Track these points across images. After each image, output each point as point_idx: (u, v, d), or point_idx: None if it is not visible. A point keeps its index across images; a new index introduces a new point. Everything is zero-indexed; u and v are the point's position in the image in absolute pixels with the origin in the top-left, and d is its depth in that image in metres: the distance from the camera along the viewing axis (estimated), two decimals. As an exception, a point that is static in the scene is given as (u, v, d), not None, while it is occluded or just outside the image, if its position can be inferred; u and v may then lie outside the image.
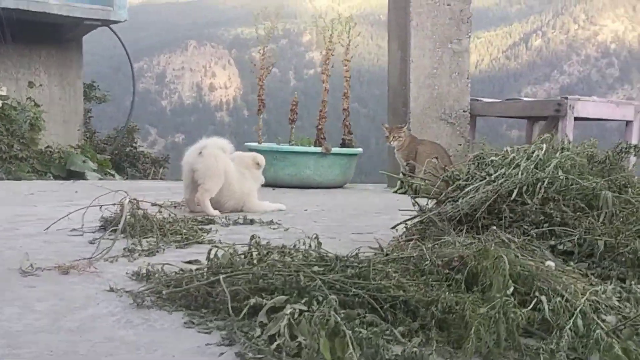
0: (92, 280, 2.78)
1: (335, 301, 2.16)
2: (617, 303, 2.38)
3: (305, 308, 2.15)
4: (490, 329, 1.98)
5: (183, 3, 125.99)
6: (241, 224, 4.30)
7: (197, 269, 2.65)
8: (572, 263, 2.66)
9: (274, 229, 4.16)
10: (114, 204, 3.82)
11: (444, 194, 3.63)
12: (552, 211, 3.03)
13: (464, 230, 3.02)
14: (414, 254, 2.54)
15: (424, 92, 6.92)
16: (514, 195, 3.15)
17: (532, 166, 3.31)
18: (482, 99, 7.39)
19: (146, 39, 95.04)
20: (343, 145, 6.91)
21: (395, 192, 6.53)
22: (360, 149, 6.95)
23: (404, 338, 2.08)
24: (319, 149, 6.60)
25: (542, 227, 2.99)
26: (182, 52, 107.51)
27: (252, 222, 4.33)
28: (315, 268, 2.47)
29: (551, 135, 3.69)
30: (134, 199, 3.79)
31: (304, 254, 2.68)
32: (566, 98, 6.28)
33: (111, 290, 2.60)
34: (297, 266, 2.48)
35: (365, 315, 2.15)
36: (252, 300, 2.23)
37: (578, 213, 2.99)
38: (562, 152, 3.33)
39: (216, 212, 4.59)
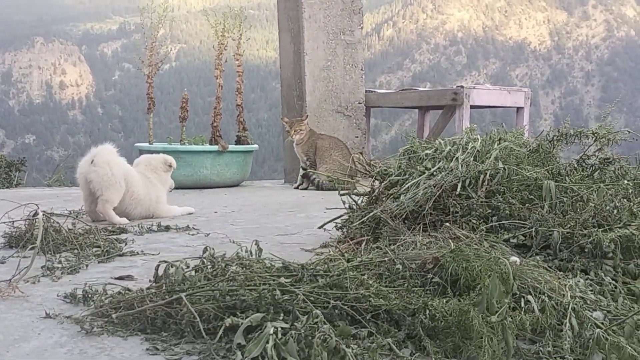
0: (21, 305, 2.50)
1: (321, 316, 2.01)
2: (593, 297, 2.33)
3: (287, 325, 1.98)
4: (497, 337, 1.88)
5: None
6: (156, 231, 4.05)
7: (147, 288, 2.42)
8: (537, 258, 2.60)
9: (192, 235, 3.94)
10: (22, 219, 3.50)
11: (375, 190, 3.51)
12: (499, 204, 2.97)
13: (416, 229, 2.90)
14: (385, 258, 2.41)
15: (320, 85, 6.79)
16: (458, 189, 3.08)
17: (471, 158, 3.25)
18: (376, 90, 7.35)
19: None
20: (238, 142, 6.69)
21: (297, 188, 6.39)
22: (256, 146, 6.76)
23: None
24: (215, 148, 6.36)
25: (491, 221, 2.92)
26: (29, 50, 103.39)
27: (167, 228, 4.09)
28: (282, 279, 2.31)
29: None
30: (44, 212, 3.47)
31: (264, 264, 2.49)
32: (462, 87, 6.33)
33: (48, 316, 2.35)
34: (263, 278, 2.30)
35: (359, 329, 2.00)
36: (228, 320, 2.03)
37: (526, 205, 2.95)
38: (499, 143, 3.29)
39: (124, 220, 4.30)
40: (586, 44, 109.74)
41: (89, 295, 2.52)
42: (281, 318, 2.04)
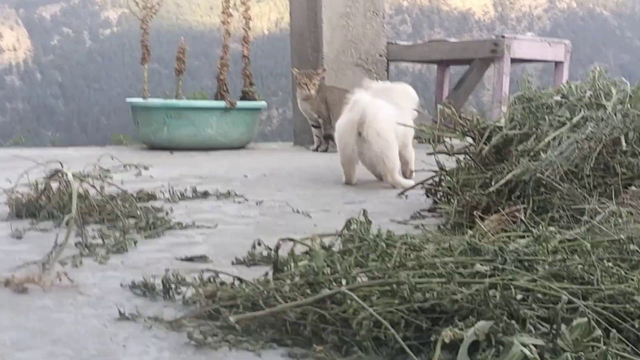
0: (75, 300, 1.77)
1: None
2: None
3: (541, 342, 1.28)
4: None
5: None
6: (192, 198, 3.29)
7: (275, 279, 1.68)
8: None
9: (240, 202, 3.20)
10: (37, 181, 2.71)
11: (486, 149, 2.80)
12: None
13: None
14: (615, 237, 1.70)
15: (338, 34, 5.99)
16: (622, 143, 2.39)
17: (626, 106, 2.56)
18: (398, 41, 6.60)
19: None
20: (244, 98, 5.85)
21: (316, 150, 5.61)
22: (264, 103, 5.95)
23: None
24: (221, 104, 5.53)
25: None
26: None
27: (206, 195, 3.33)
28: (478, 266, 1.60)
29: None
30: (62, 171, 2.68)
31: (437, 244, 1.77)
32: (503, 37, 5.64)
33: (124, 317, 1.61)
34: (451, 267, 1.59)
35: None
36: (447, 332, 1.31)
37: None
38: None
39: (411, 182, 3.58)
40: (529, 14, 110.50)
41: (172, 286, 1.77)
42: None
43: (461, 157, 2.96)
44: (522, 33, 6.56)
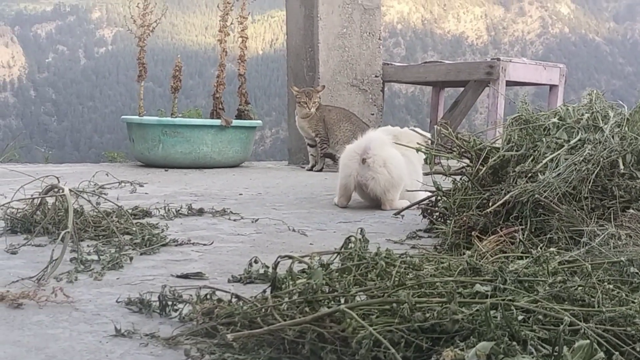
0: (70, 316, 1.75)
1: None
2: None
3: None
4: None
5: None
6: (187, 215, 3.28)
7: (273, 296, 1.66)
8: None
9: (235, 220, 3.19)
10: (32, 196, 2.69)
11: (483, 170, 2.80)
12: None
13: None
14: (615, 259, 1.69)
15: (334, 54, 6.00)
16: (621, 166, 2.39)
17: (624, 129, 2.57)
18: (394, 63, 6.61)
19: None
20: (239, 117, 5.86)
21: (310, 169, 5.61)
22: (260, 122, 5.95)
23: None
24: (217, 122, 5.53)
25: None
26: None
27: (201, 212, 3.32)
28: (478, 287, 1.59)
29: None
30: (58, 187, 2.67)
31: (437, 264, 1.76)
32: (498, 59, 5.66)
33: (120, 334, 1.60)
34: (451, 287, 1.57)
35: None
36: (449, 353, 1.29)
37: None
38: (659, 110, 2.61)
39: (406, 202, 3.49)
40: (522, 39, 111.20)
41: (168, 303, 1.76)
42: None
43: (457, 177, 2.96)
44: (517, 57, 6.63)
